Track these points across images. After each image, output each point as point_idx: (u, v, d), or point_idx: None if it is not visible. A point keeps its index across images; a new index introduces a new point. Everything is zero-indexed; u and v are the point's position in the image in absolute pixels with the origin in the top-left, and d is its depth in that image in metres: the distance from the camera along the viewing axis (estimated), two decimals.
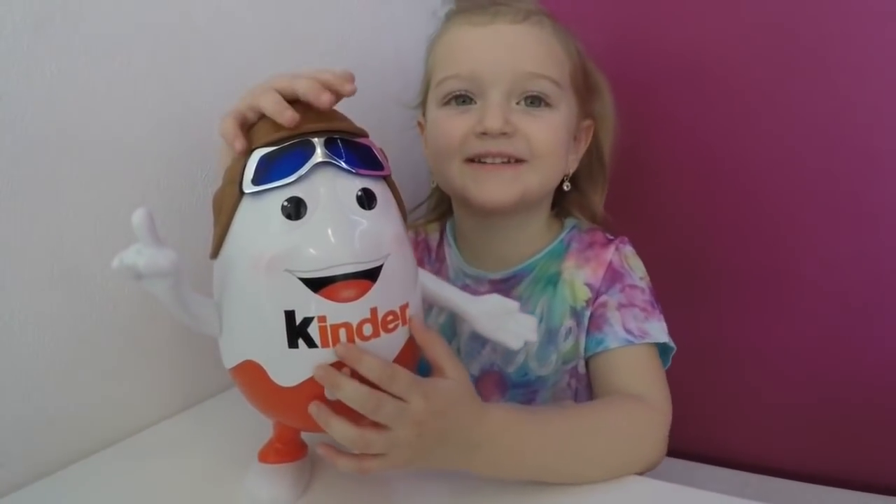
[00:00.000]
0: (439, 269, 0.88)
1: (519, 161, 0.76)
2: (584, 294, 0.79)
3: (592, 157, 0.88)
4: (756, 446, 1.10)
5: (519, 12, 0.78)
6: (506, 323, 0.65)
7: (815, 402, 1.05)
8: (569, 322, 0.79)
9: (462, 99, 0.78)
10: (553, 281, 0.81)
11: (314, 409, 0.54)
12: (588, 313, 0.78)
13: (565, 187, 0.84)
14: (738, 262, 1.07)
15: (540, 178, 0.77)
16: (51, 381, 0.70)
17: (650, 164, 1.07)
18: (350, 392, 0.52)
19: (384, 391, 0.52)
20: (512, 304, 0.65)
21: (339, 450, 0.57)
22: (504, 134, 0.74)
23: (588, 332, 0.78)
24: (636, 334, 0.74)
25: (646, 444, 0.67)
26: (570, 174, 0.84)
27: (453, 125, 0.77)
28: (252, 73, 0.84)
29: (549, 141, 0.77)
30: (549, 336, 0.80)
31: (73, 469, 0.70)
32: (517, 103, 0.77)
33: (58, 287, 0.69)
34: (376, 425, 0.53)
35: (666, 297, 0.81)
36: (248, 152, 0.55)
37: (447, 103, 0.79)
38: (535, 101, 0.77)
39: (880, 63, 0.93)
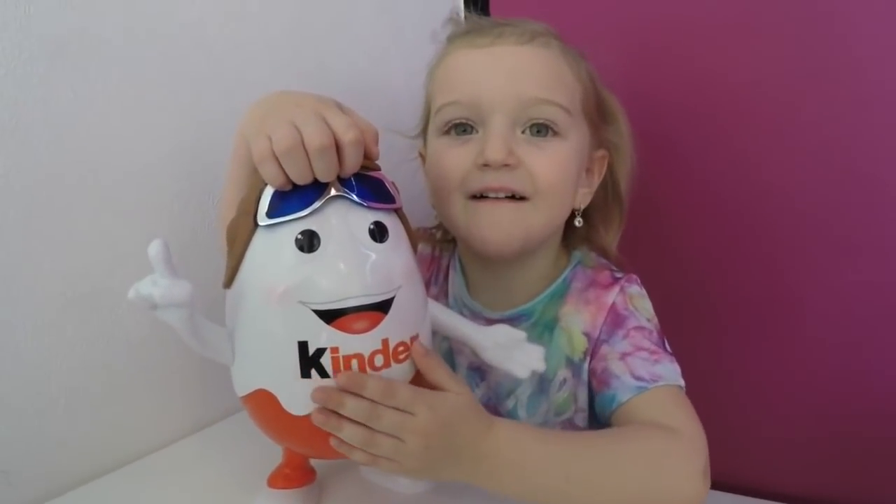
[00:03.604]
0: (440, 293, 0.86)
1: (522, 198, 0.71)
2: (582, 345, 0.74)
3: (608, 190, 0.82)
4: (757, 473, 1.10)
5: (524, 33, 0.73)
6: (514, 353, 0.65)
7: (819, 430, 1.05)
8: (564, 372, 0.75)
9: (463, 128, 0.73)
10: (550, 327, 0.77)
11: (320, 417, 0.54)
12: (586, 366, 0.74)
13: (577, 223, 0.78)
14: (742, 292, 1.06)
15: (544, 217, 0.72)
16: (62, 404, 0.70)
17: (655, 192, 1.06)
18: (351, 407, 0.53)
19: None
20: (520, 335, 0.65)
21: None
22: (507, 166, 0.69)
23: (599, 392, 0.72)
24: (647, 379, 0.68)
25: (676, 477, 0.60)
26: (582, 209, 0.79)
27: (453, 158, 0.72)
28: None
29: (555, 175, 0.71)
30: (542, 386, 0.77)
31: (83, 490, 0.70)
32: (522, 132, 0.71)
33: (70, 312, 0.70)
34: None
35: (670, 326, 0.78)
36: (263, 185, 0.55)
37: (447, 132, 0.74)
38: (542, 129, 0.71)
39: (889, 96, 0.92)
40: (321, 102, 0.56)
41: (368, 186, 0.57)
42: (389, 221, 0.58)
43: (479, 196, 0.71)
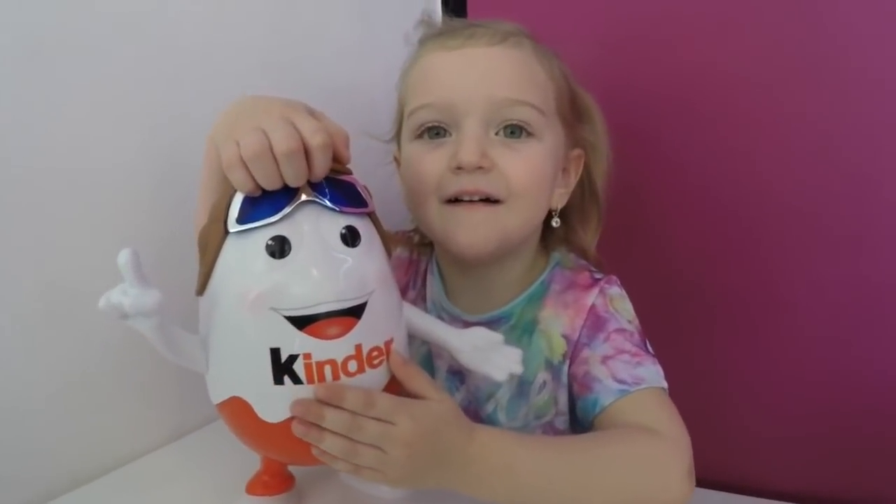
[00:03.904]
0: (419, 297, 0.85)
1: (497, 201, 0.70)
2: (561, 347, 0.74)
3: (584, 189, 0.81)
4: (750, 471, 1.09)
5: (496, 34, 0.72)
6: (491, 355, 0.65)
7: (813, 428, 1.04)
8: (543, 375, 0.75)
9: (436, 131, 0.72)
10: (529, 330, 0.77)
11: (300, 429, 0.53)
12: (566, 369, 0.74)
13: (554, 223, 0.78)
14: (734, 289, 1.06)
15: (520, 219, 0.72)
16: (40, 414, 0.70)
17: (639, 190, 1.05)
18: (331, 420, 0.53)
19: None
20: (497, 337, 0.65)
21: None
22: (481, 168, 0.69)
23: (581, 396, 0.71)
24: (629, 382, 0.68)
25: (662, 477, 0.60)
26: (559, 209, 0.78)
27: (427, 163, 0.72)
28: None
29: (530, 178, 0.71)
30: (521, 389, 0.76)
31: (62, 500, 0.70)
32: (496, 133, 0.71)
33: (48, 319, 0.70)
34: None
35: (657, 325, 0.78)
36: (233, 191, 0.55)
37: (420, 136, 0.73)
38: (516, 130, 0.70)
39: (877, 88, 0.92)
40: (289, 107, 0.56)
41: (340, 191, 0.57)
42: (362, 226, 0.57)
43: (454, 200, 0.71)
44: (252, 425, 0.56)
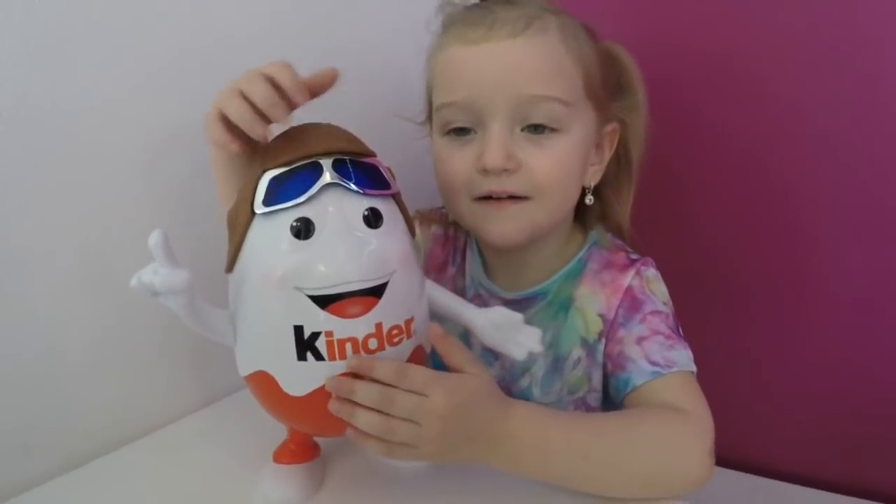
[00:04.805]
0: (458, 273, 0.87)
1: (525, 198, 0.71)
2: (597, 326, 0.74)
3: (620, 162, 0.80)
4: (769, 452, 1.10)
5: (519, 20, 0.69)
6: (511, 335, 0.66)
7: (831, 410, 1.04)
8: (578, 352, 0.76)
9: (462, 129, 0.72)
10: (565, 307, 0.77)
11: (335, 405, 0.55)
12: (601, 348, 0.74)
13: (587, 201, 0.77)
14: (756, 271, 1.05)
15: (548, 212, 0.72)
16: (76, 380, 0.73)
17: (669, 171, 1.02)
18: (363, 393, 0.54)
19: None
20: (517, 317, 0.66)
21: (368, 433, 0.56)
22: (506, 170, 0.69)
23: (613, 374, 0.72)
24: (662, 364, 0.68)
25: (686, 457, 0.62)
26: (592, 186, 0.78)
27: (455, 162, 0.72)
28: None
29: (557, 173, 0.71)
30: (556, 364, 0.77)
31: (97, 463, 0.73)
32: (522, 129, 0.70)
33: (83, 291, 0.73)
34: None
35: (685, 305, 0.78)
36: (260, 173, 0.57)
37: (447, 133, 0.74)
38: (540, 127, 0.70)
39: None
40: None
41: (364, 173, 0.58)
42: (385, 207, 0.59)
43: (484, 197, 0.72)
44: (277, 398, 0.58)
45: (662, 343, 0.70)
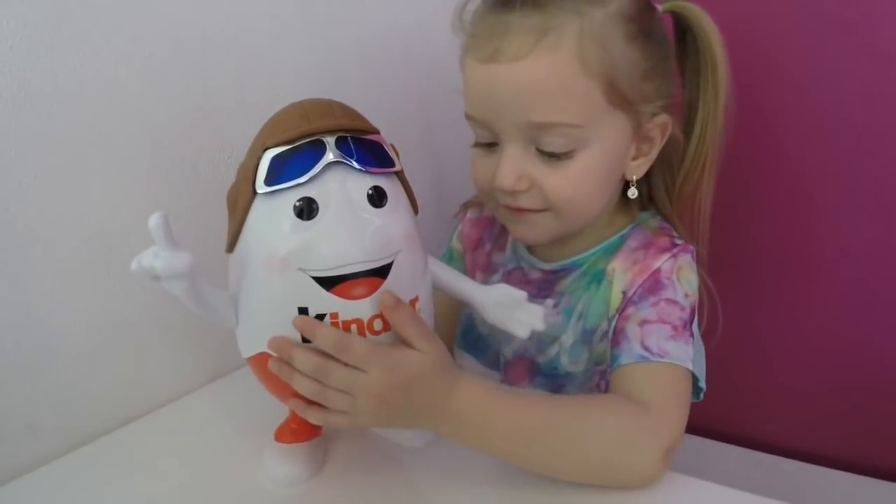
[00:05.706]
0: (494, 248, 0.88)
1: (542, 209, 0.71)
2: (618, 301, 0.73)
3: (672, 148, 0.76)
4: (771, 428, 1.11)
5: (529, 34, 0.64)
6: (514, 312, 0.66)
7: (833, 388, 1.05)
8: (605, 325, 0.74)
9: (485, 139, 0.72)
10: (598, 279, 0.76)
11: (275, 365, 0.56)
12: (614, 324, 0.73)
13: (630, 195, 0.75)
14: (761, 249, 1.05)
15: (569, 221, 0.72)
16: (82, 359, 0.73)
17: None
18: (300, 360, 0.54)
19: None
20: (519, 294, 0.66)
21: (309, 401, 0.57)
22: (517, 190, 0.69)
23: (612, 348, 0.72)
24: (654, 352, 0.66)
25: (634, 452, 0.60)
26: (635, 179, 0.75)
27: (480, 170, 0.73)
28: (272, 64, 0.86)
29: (572, 192, 0.69)
30: (585, 335, 0.76)
31: (102, 442, 0.73)
32: (537, 149, 0.68)
33: (86, 271, 0.72)
34: None
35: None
36: (261, 151, 0.55)
37: (476, 141, 0.74)
38: (552, 153, 0.68)
39: None
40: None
41: (367, 150, 0.57)
42: (389, 185, 0.58)
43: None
44: (279, 379, 0.57)
45: (665, 332, 0.68)
